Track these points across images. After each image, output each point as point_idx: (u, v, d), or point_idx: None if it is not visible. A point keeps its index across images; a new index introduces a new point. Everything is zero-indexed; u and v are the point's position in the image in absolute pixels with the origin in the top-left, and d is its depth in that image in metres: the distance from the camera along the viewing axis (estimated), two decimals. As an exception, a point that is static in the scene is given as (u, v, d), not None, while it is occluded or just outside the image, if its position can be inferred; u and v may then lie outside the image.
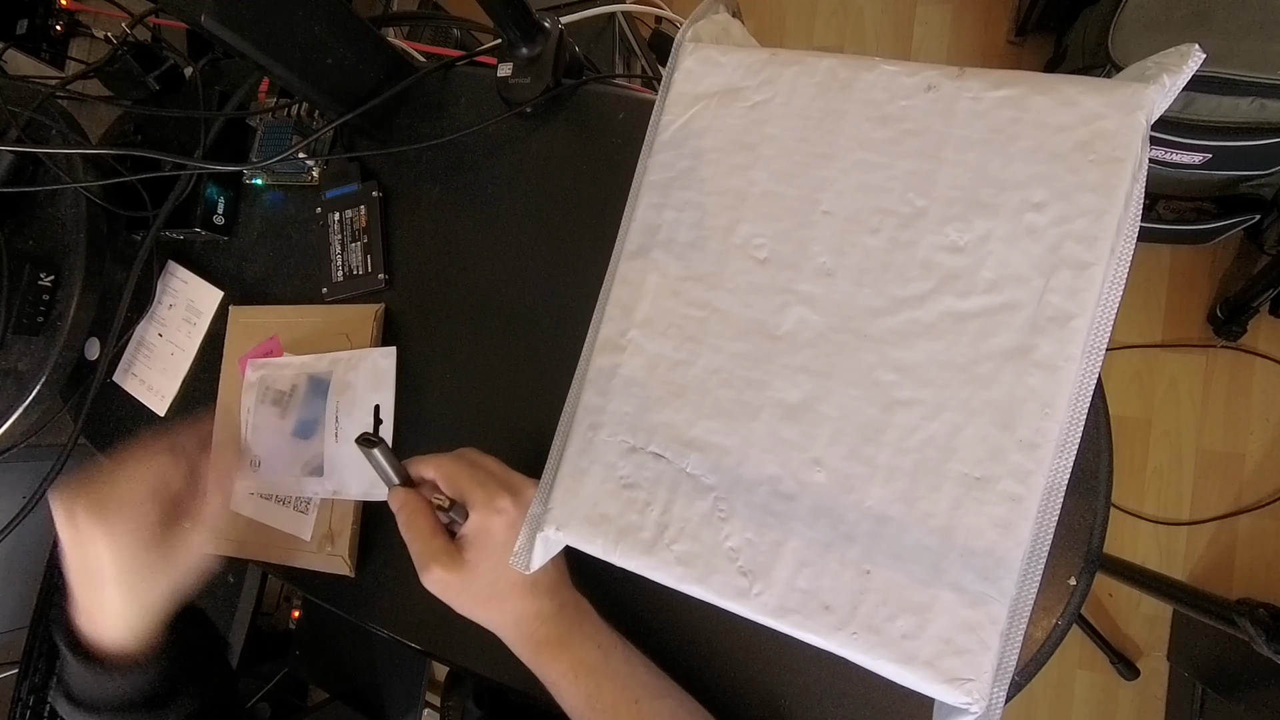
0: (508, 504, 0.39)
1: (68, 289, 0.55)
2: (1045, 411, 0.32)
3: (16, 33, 0.73)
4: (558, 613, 0.39)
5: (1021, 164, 0.35)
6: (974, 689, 0.31)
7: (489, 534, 0.38)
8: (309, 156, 0.55)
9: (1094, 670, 1.19)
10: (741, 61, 0.41)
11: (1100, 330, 0.33)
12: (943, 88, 0.37)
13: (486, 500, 0.39)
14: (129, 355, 0.60)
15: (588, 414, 0.39)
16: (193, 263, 0.60)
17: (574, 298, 0.48)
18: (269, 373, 0.54)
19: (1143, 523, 1.20)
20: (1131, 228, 0.33)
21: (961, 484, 0.33)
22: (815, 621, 0.34)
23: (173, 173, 0.56)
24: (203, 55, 0.62)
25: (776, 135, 0.39)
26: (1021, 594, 0.32)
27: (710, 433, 0.37)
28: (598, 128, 0.51)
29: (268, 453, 0.53)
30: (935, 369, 0.34)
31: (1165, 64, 0.33)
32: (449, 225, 0.53)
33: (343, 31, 0.49)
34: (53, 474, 0.54)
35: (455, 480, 0.40)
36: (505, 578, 0.38)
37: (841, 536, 0.34)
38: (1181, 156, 0.99)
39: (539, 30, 0.49)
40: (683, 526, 0.36)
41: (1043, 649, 0.40)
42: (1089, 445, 0.40)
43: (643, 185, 0.41)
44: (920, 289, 0.35)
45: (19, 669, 0.76)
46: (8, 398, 0.55)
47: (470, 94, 0.54)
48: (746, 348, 0.37)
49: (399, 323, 0.53)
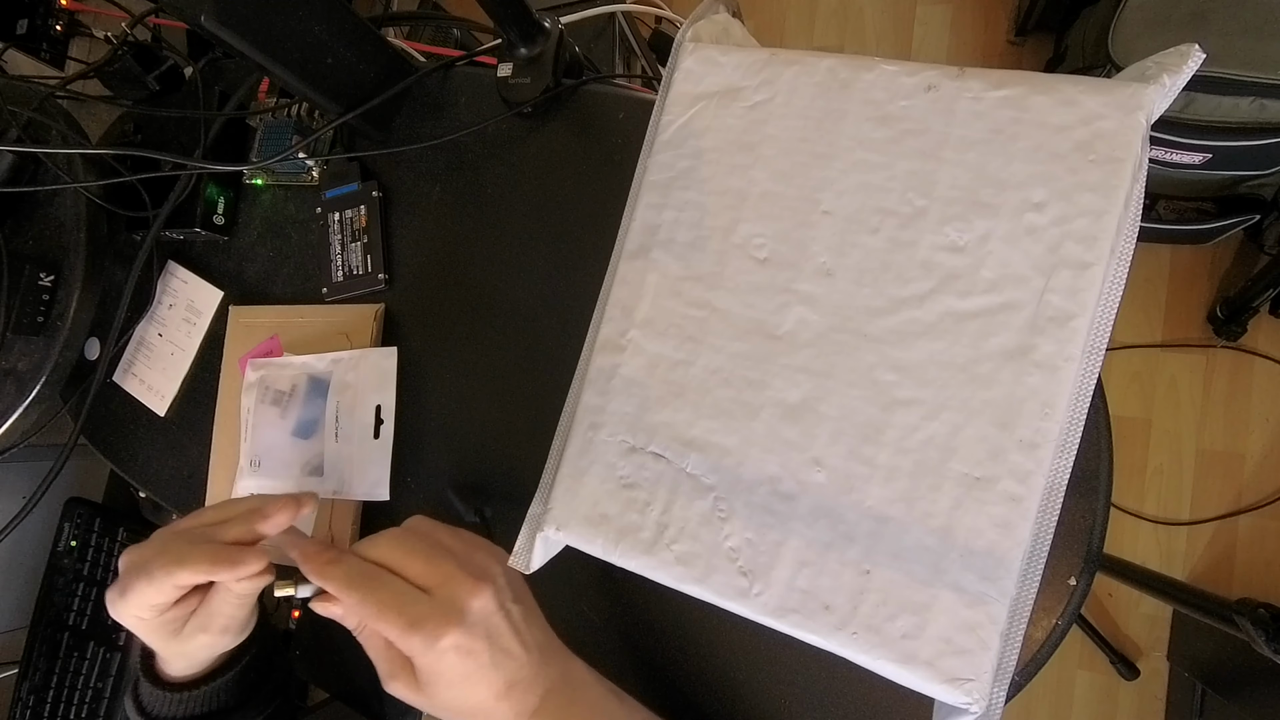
0: (457, 636, 0.32)
1: (68, 289, 0.55)
2: (1045, 411, 0.32)
3: (16, 33, 0.73)
4: (541, 705, 0.35)
5: (1021, 164, 0.35)
6: (974, 689, 0.31)
7: (439, 675, 0.33)
8: (309, 156, 0.55)
9: (1094, 670, 1.19)
10: (741, 61, 0.41)
11: (1100, 330, 0.33)
12: (943, 88, 0.37)
13: (432, 631, 0.32)
14: (129, 355, 0.60)
15: (588, 414, 0.39)
16: (193, 263, 0.60)
17: (574, 298, 0.48)
18: (269, 373, 0.54)
19: (1143, 523, 1.20)
20: (1131, 228, 0.33)
21: (961, 484, 0.33)
22: (815, 621, 0.34)
23: (173, 173, 0.56)
24: (203, 55, 0.62)
25: (776, 135, 0.39)
26: (1021, 594, 0.32)
27: (710, 433, 0.37)
28: (598, 128, 0.51)
29: (268, 453, 0.53)
30: (935, 369, 0.34)
31: (1165, 64, 0.33)
32: (449, 225, 0.53)
33: (343, 31, 0.49)
34: (53, 474, 0.54)
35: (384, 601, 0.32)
36: (475, 696, 0.33)
37: (841, 536, 0.34)
38: (1181, 156, 0.99)
39: (539, 30, 0.49)
40: (683, 526, 0.36)
41: (1043, 649, 0.40)
42: (1089, 445, 0.40)
43: (643, 185, 0.41)
44: (920, 289, 0.35)
45: (19, 669, 0.76)
46: (8, 398, 0.55)
47: (470, 94, 0.54)
48: (746, 348, 0.37)
49: (399, 323, 0.53)
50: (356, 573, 0.33)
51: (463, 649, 0.32)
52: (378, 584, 0.33)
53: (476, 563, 0.35)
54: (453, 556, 0.35)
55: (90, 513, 0.78)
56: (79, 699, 0.74)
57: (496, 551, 0.38)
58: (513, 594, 0.36)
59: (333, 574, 0.33)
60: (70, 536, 0.77)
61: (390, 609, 0.32)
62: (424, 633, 0.32)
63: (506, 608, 0.35)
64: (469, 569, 0.34)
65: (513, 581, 0.37)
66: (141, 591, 0.34)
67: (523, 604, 0.36)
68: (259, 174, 0.58)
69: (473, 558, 0.36)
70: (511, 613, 0.35)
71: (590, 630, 0.46)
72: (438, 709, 0.34)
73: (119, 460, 0.60)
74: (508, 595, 0.35)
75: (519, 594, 0.37)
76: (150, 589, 0.34)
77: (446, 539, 0.36)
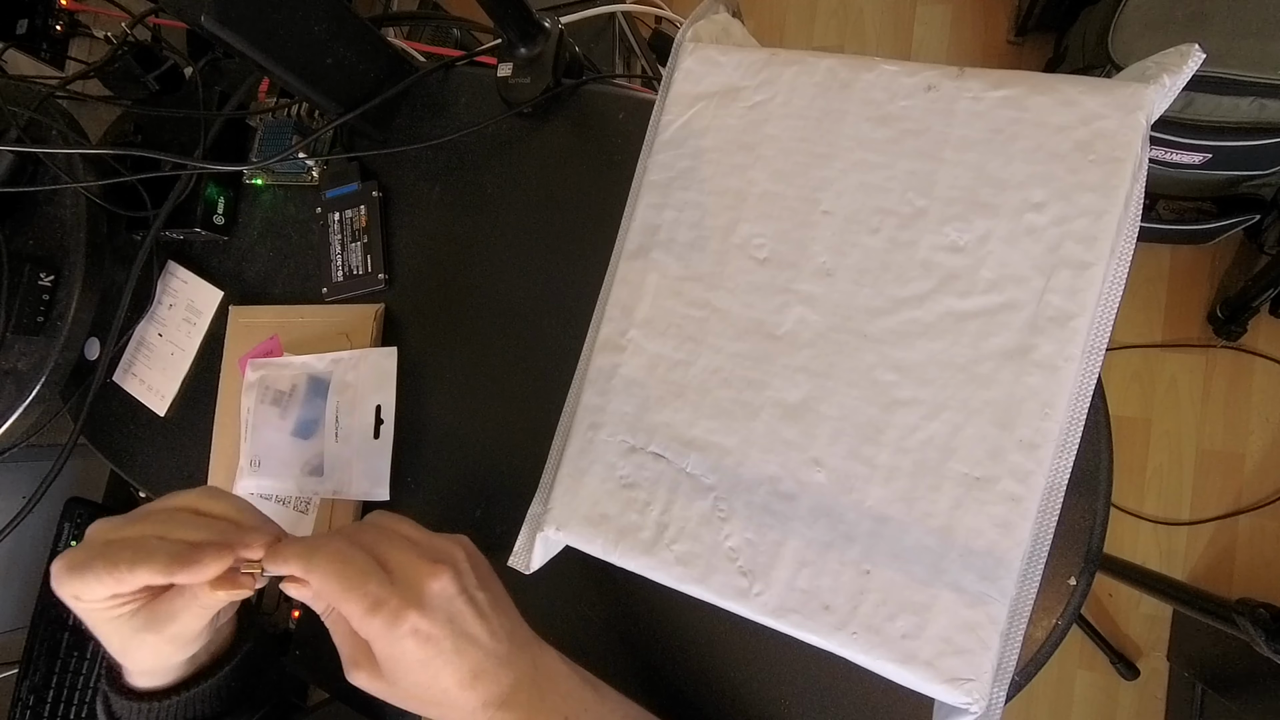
0: (415, 620, 0.31)
1: (68, 289, 0.55)
2: (1045, 411, 0.32)
3: (16, 33, 0.73)
4: (510, 695, 0.33)
5: (1021, 164, 0.35)
6: (974, 689, 0.31)
7: (398, 661, 0.31)
8: (309, 156, 0.55)
9: (1094, 670, 1.19)
10: (741, 61, 0.41)
11: (1100, 330, 0.33)
12: (943, 88, 0.37)
13: (391, 617, 0.30)
14: (129, 355, 0.60)
15: (588, 414, 0.39)
16: (193, 263, 0.60)
17: (574, 298, 0.48)
18: (269, 373, 0.54)
19: (1143, 523, 1.20)
20: (1131, 228, 0.33)
21: (961, 484, 0.33)
22: (815, 621, 0.34)
23: (173, 173, 0.56)
24: (203, 55, 0.62)
25: (776, 135, 0.39)
26: (1021, 594, 0.32)
27: (710, 433, 0.37)
28: (598, 128, 0.51)
29: (267, 453, 0.53)
30: (935, 369, 0.34)
31: (1165, 64, 0.33)
32: (449, 225, 0.53)
33: (343, 31, 0.49)
34: (53, 474, 0.54)
35: (348, 576, 0.31)
36: (438, 684, 0.32)
37: (841, 536, 0.34)
38: (1181, 156, 0.99)
39: (539, 30, 0.49)
40: (683, 526, 0.36)
41: (1043, 649, 0.40)
42: (1089, 445, 0.40)
43: (643, 185, 0.41)
44: (920, 289, 0.35)
45: (19, 669, 0.76)
46: (8, 398, 0.55)
47: (470, 94, 0.54)
48: (746, 348, 0.37)
49: (399, 323, 0.53)
50: (320, 549, 0.31)
51: (421, 634, 0.31)
52: (341, 559, 0.31)
53: (436, 547, 0.34)
54: (411, 544, 0.33)
55: (90, 513, 0.78)
56: (79, 699, 0.74)
57: (460, 539, 0.36)
58: (477, 579, 0.34)
59: (291, 550, 0.31)
60: (70, 536, 0.77)
61: (354, 587, 0.30)
62: (384, 615, 0.30)
63: (470, 593, 0.33)
64: (427, 554, 0.33)
65: (477, 566, 0.35)
66: (97, 578, 0.30)
67: (488, 590, 0.34)
68: (259, 174, 0.58)
69: (432, 543, 0.34)
70: (476, 598, 0.33)
71: (590, 630, 0.46)
72: (401, 699, 0.33)
73: (119, 460, 0.60)
74: (471, 580, 0.34)
75: (484, 579, 0.35)
76: (110, 579, 0.30)
77: (406, 529, 0.35)
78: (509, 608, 0.36)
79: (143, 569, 0.30)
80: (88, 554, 0.31)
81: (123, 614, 0.32)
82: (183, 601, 0.33)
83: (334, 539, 0.32)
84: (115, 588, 0.31)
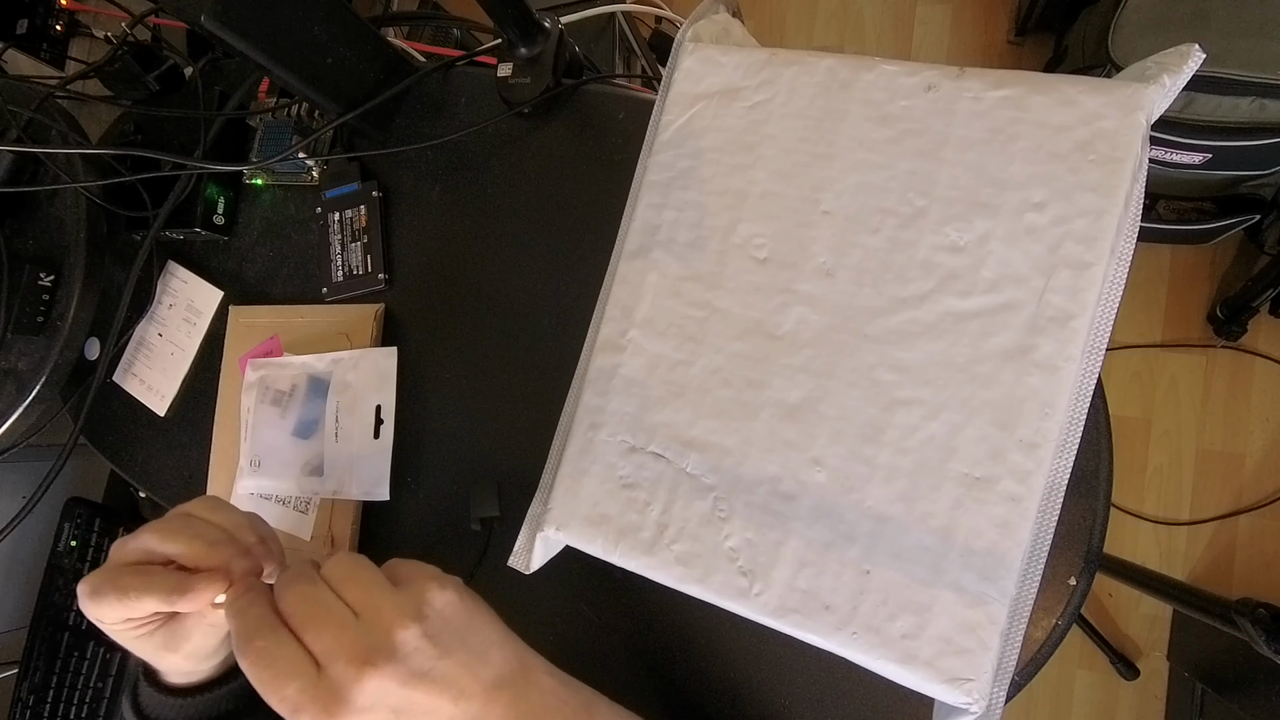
0: None
1: (68, 289, 0.55)
2: (1045, 411, 0.32)
3: (16, 33, 0.73)
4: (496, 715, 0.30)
5: (1021, 164, 0.35)
6: (974, 689, 0.31)
7: None
8: (309, 156, 0.55)
9: (1094, 670, 1.19)
10: (741, 61, 0.41)
11: (1100, 330, 0.33)
12: (943, 88, 0.37)
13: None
14: (129, 355, 0.60)
15: (588, 414, 0.39)
16: (193, 263, 0.60)
17: (574, 298, 0.48)
18: (269, 373, 0.54)
19: (1143, 523, 1.20)
20: (1131, 228, 0.33)
21: (961, 484, 0.33)
22: (815, 621, 0.34)
23: (173, 173, 0.56)
24: (203, 55, 0.62)
25: (776, 135, 0.39)
26: (1021, 594, 0.32)
27: (710, 433, 0.37)
28: (598, 128, 0.51)
29: (267, 453, 0.53)
30: (935, 369, 0.34)
31: (1165, 64, 0.33)
32: (449, 225, 0.53)
33: (343, 31, 0.49)
34: (53, 474, 0.54)
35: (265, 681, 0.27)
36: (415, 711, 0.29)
37: (841, 536, 0.34)
38: (1181, 156, 0.99)
39: (539, 30, 0.49)
40: (683, 526, 0.36)
41: (1043, 649, 0.40)
42: (1089, 445, 0.40)
43: (643, 185, 0.41)
44: (920, 289, 0.35)
45: (19, 669, 0.76)
46: (8, 398, 0.55)
47: (470, 94, 0.54)
48: (746, 348, 0.37)
49: (399, 323, 0.53)
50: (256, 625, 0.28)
51: None
52: (266, 657, 0.27)
53: (381, 623, 0.28)
54: (346, 623, 0.28)
55: (90, 513, 0.78)
56: (79, 699, 0.74)
57: (429, 581, 0.31)
58: (438, 648, 0.29)
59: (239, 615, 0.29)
60: (70, 536, 0.77)
61: (273, 691, 0.27)
62: None
63: (421, 672, 0.28)
64: (362, 638, 0.28)
65: (448, 618, 0.30)
66: (110, 605, 0.32)
67: (453, 654, 0.29)
68: (259, 174, 0.58)
69: (380, 614, 0.28)
70: (432, 672, 0.28)
71: (590, 630, 0.46)
72: None
73: (119, 460, 0.60)
74: (425, 654, 0.28)
75: (457, 629, 0.30)
76: (120, 606, 0.31)
77: (354, 593, 0.29)
78: (486, 648, 0.31)
79: (148, 598, 0.32)
80: (102, 579, 0.33)
81: (143, 634, 0.34)
82: (193, 621, 0.35)
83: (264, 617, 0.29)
84: (127, 614, 0.32)
